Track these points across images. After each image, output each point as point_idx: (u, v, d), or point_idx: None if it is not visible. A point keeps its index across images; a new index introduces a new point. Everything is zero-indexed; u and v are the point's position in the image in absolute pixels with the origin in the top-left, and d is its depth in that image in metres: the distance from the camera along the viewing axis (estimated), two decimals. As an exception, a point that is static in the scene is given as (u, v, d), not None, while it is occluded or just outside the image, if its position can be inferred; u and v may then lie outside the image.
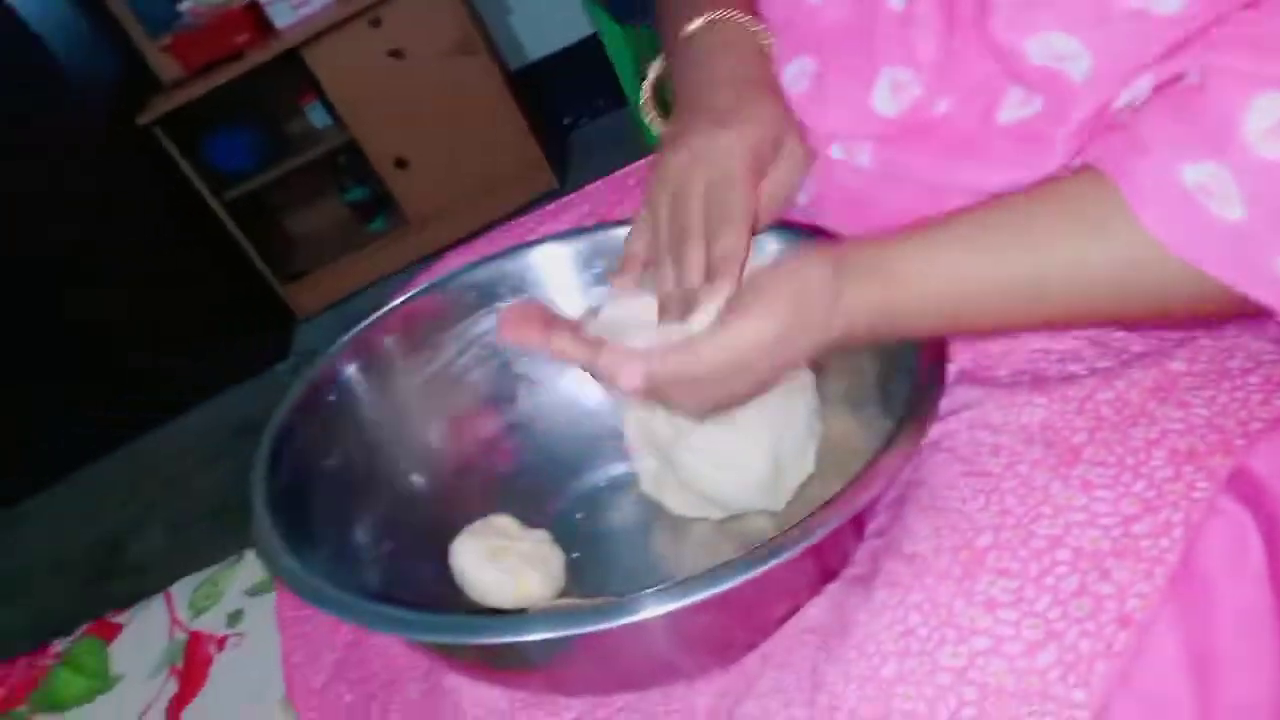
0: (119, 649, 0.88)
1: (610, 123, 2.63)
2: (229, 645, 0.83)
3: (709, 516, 0.59)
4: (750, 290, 0.44)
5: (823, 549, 0.42)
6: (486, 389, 0.67)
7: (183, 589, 0.91)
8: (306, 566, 0.49)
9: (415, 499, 0.63)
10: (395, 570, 0.58)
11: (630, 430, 0.60)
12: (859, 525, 0.49)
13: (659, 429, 0.56)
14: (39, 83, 1.90)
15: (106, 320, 2.17)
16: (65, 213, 2.03)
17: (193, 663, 0.83)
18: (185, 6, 2.18)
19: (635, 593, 0.40)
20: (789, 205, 0.56)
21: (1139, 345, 0.49)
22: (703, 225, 0.49)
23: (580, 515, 0.63)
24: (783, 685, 0.43)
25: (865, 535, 0.49)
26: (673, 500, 0.60)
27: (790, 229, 0.60)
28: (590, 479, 0.65)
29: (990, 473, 0.45)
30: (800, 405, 0.55)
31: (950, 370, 0.51)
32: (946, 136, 0.48)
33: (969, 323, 0.45)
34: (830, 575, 0.48)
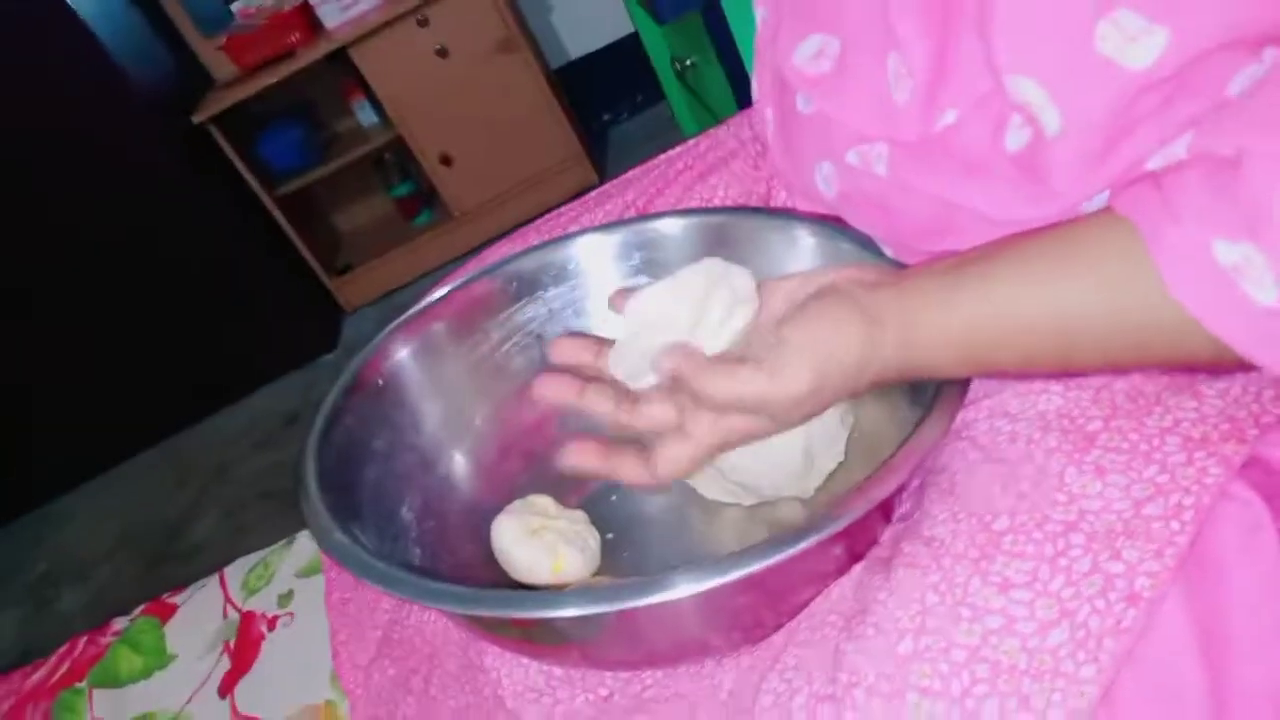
0: (175, 628, 0.89)
1: (648, 118, 2.65)
2: (279, 624, 0.84)
3: (741, 502, 0.60)
4: (785, 346, 0.46)
5: (850, 533, 0.43)
6: (528, 375, 0.68)
7: (236, 570, 0.92)
8: (354, 542, 0.51)
9: (458, 479, 0.65)
10: (438, 547, 0.60)
11: None
12: (886, 511, 0.51)
13: None
14: (98, 82, 1.95)
15: (162, 312, 2.22)
16: (122, 209, 2.08)
17: (245, 641, 0.85)
18: (238, 7, 2.22)
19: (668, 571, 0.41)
20: None
21: None
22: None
23: (614, 498, 0.65)
24: (805, 663, 0.45)
25: (892, 519, 0.51)
26: (706, 485, 0.61)
27: (824, 224, 0.62)
28: (624, 464, 0.66)
29: (1007, 459, 0.46)
30: None
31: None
32: (959, 156, 0.47)
33: (995, 370, 0.47)
34: (856, 558, 0.49)
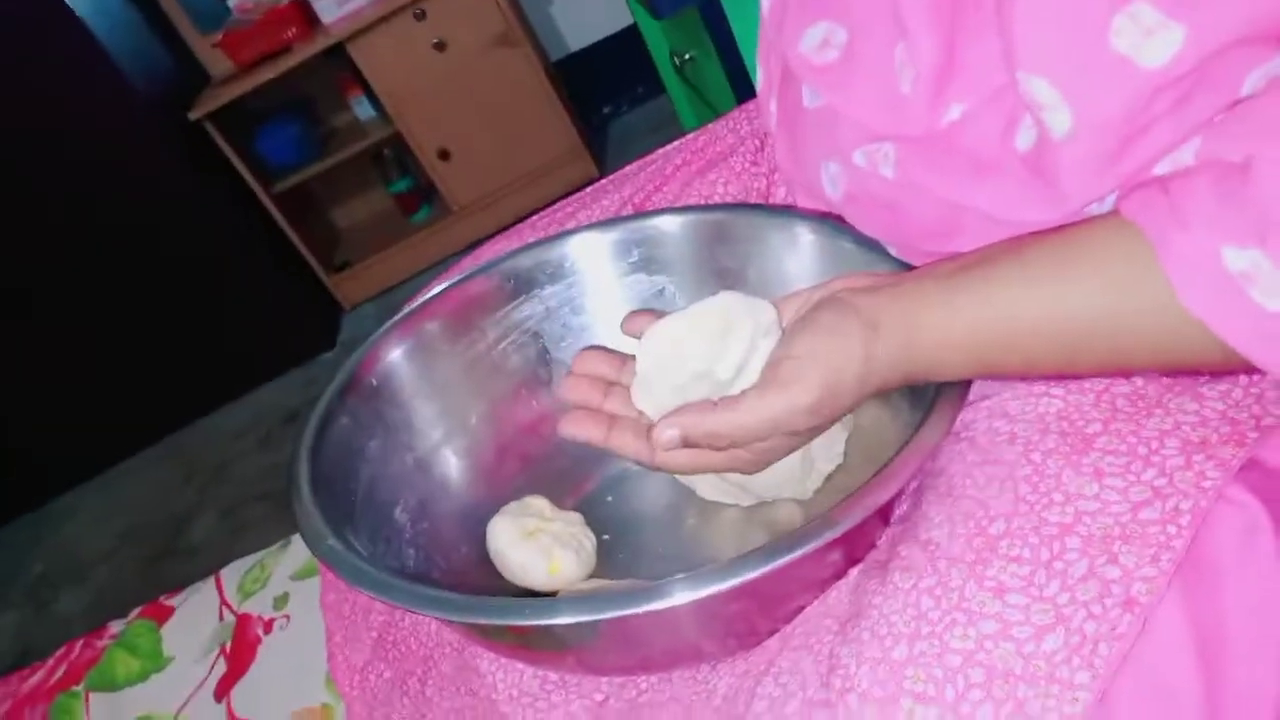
0: (171, 631, 0.89)
1: (650, 110, 2.63)
2: (275, 627, 0.84)
3: (739, 503, 0.60)
4: (789, 360, 0.46)
5: (848, 539, 0.43)
6: (525, 374, 0.68)
7: (232, 573, 0.91)
8: (347, 546, 0.50)
9: (453, 481, 0.65)
10: (432, 550, 0.59)
11: None
12: (885, 515, 0.50)
13: None
14: (95, 80, 1.95)
15: (160, 310, 2.22)
16: (120, 207, 2.08)
17: (241, 644, 0.84)
18: (234, 3, 2.22)
19: (665, 576, 0.41)
20: None
21: None
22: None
23: (611, 498, 0.64)
24: (800, 667, 0.44)
25: (890, 522, 0.50)
26: (703, 486, 0.61)
27: (825, 221, 0.61)
28: (621, 463, 0.65)
29: (1005, 460, 0.45)
30: None
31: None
32: (967, 154, 0.47)
33: (997, 373, 0.46)
34: (854, 562, 0.49)
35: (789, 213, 0.64)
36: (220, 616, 0.88)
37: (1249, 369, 0.38)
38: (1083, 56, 0.39)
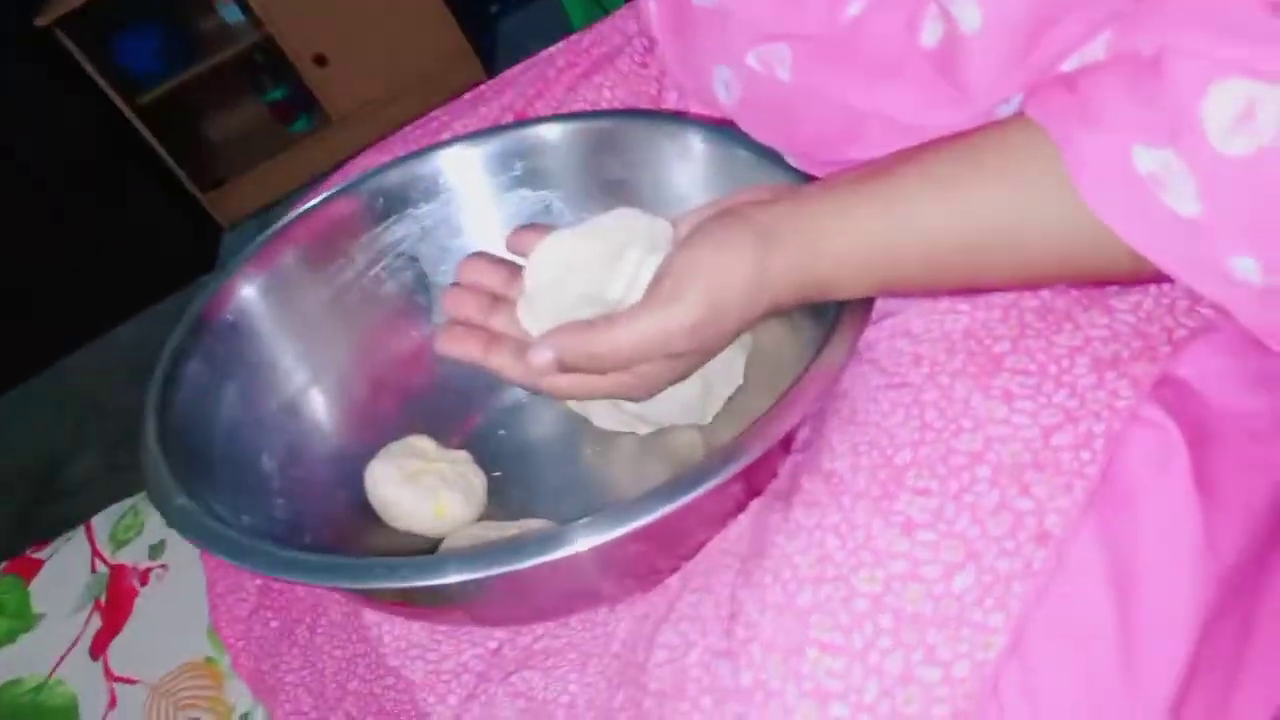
0: (40, 586, 0.85)
1: (539, 10, 2.52)
2: (152, 578, 0.81)
3: (635, 431, 0.58)
4: (670, 277, 0.43)
5: (752, 470, 0.41)
6: (400, 302, 0.64)
7: (104, 521, 0.87)
8: (202, 504, 0.46)
9: (325, 423, 0.61)
10: (304, 498, 0.55)
11: None
12: (787, 443, 0.48)
13: None
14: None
15: (20, 237, 2.07)
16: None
17: (116, 597, 0.81)
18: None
19: (561, 513, 0.39)
20: None
21: None
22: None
23: (503, 432, 0.62)
24: (701, 612, 0.42)
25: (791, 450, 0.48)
26: (598, 415, 0.58)
27: (720, 129, 0.58)
28: (513, 394, 0.63)
29: (911, 384, 0.43)
30: None
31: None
32: (869, 55, 0.44)
33: (900, 288, 0.44)
34: (755, 494, 0.47)
35: (680, 120, 0.61)
36: (93, 568, 0.85)
37: (1160, 278, 0.36)
38: None
